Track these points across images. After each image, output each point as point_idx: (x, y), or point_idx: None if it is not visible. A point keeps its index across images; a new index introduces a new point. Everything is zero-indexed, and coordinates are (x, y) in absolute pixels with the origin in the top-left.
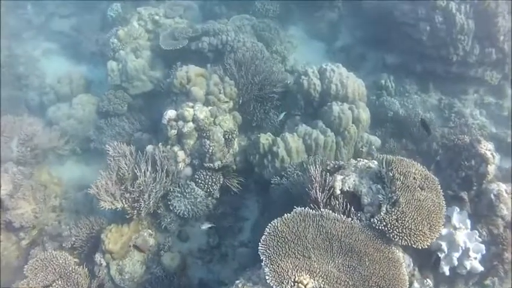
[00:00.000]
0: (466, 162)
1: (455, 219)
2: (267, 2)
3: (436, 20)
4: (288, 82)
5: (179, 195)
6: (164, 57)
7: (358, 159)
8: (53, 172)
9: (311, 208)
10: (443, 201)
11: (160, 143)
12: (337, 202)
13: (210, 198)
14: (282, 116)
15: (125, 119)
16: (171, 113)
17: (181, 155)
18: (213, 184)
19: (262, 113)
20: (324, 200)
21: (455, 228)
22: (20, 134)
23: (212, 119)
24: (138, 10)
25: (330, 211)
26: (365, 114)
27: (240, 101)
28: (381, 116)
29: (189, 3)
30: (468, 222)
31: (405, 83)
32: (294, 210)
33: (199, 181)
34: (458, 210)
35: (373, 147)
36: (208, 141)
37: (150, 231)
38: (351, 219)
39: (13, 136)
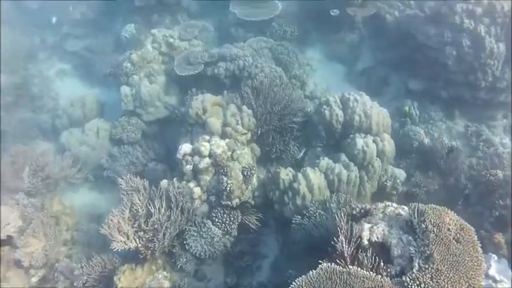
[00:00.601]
0: (500, 201)
1: (495, 269)
2: (284, 23)
3: (464, 43)
4: (308, 110)
5: (195, 234)
6: (179, 82)
7: (387, 203)
8: (65, 199)
9: (337, 262)
10: (482, 255)
11: (175, 178)
12: (365, 255)
13: (227, 236)
14: (302, 153)
15: (139, 148)
16: (186, 148)
17: (197, 191)
18: (231, 223)
19: (282, 145)
20: (351, 253)
21: (495, 281)
22: (31, 164)
23: (230, 153)
24: (152, 32)
25: (358, 268)
26: (390, 147)
27: (259, 132)
28: (405, 146)
29: (204, 24)
30: (510, 273)
31: (430, 110)
32: (319, 266)
33: (216, 220)
34: (496, 258)
35: (398, 181)
36: (225, 178)
37: (165, 273)
38: (380, 276)
39: (24, 166)
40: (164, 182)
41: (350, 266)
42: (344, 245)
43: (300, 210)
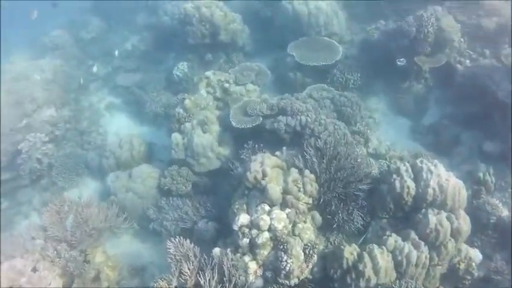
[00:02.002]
0: None
1: None
2: (346, 69)
3: None
4: (374, 173)
5: None
6: (234, 133)
7: None
8: (107, 245)
9: None
10: None
11: (229, 249)
12: None
13: None
14: (364, 237)
15: (188, 202)
16: (243, 219)
17: (252, 266)
18: None
19: (346, 214)
20: None
21: None
22: (75, 216)
23: (290, 226)
24: (206, 75)
25: None
26: (466, 227)
27: (321, 200)
28: (481, 220)
29: (261, 67)
30: None
31: (507, 176)
32: None
33: None
34: None
35: (473, 264)
36: (285, 256)
37: None
38: None
39: (69, 215)
40: (216, 251)
41: None
42: None
43: None
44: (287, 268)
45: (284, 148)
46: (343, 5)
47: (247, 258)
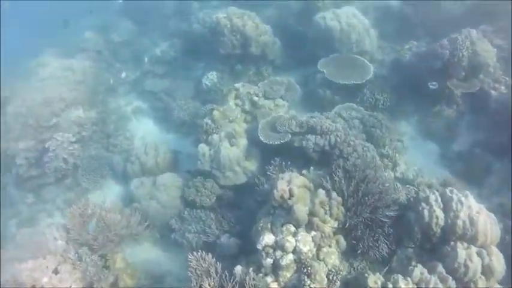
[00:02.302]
0: None
1: None
2: (376, 89)
3: None
4: (401, 200)
5: None
6: (261, 148)
7: None
8: (127, 251)
9: None
10: None
11: (251, 269)
12: None
13: None
14: (389, 266)
15: (212, 215)
16: (268, 239)
17: (274, 287)
18: None
19: (371, 241)
20: None
21: None
22: (98, 220)
23: (315, 249)
24: (236, 86)
25: None
26: (499, 265)
27: (347, 224)
28: None
29: (291, 82)
30: None
31: None
32: None
33: None
34: None
35: None
36: (308, 281)
37: None
38: None
39: (91, 219)
40: (238, 269)
41: None
42: None
43: None
44: None
45: (311, 167)
46: (374, 22)
47: (269, 279)
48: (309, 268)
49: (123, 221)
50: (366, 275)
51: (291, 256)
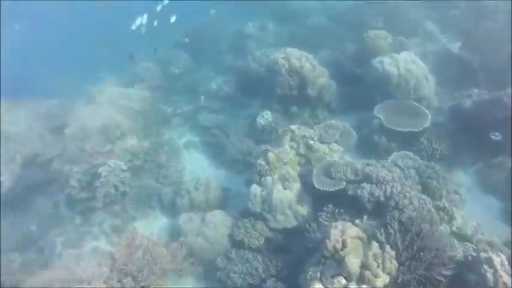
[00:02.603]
0: None
1: None
2: (434, 139)
3: None
4: (459, 257)
5: None
6: (314, 192)
7: None
8: (169, 284)
9: None
10: None
11: None
12: None
13: None
14: None
15: (259, 258)
16: None
17: None
18: None
19: None
20: None
21: None
22: (144, 253)
23: None
24: (291, 128)
25: None
26: None
27: (399, 279)
28: None
29: (346, 127)
30: None
31: None
32: None
33: None
34: None
35: None
36: None
37: None
38: None
39: (138, 250)
40: None
41: None
42: None
43: None
44: None
45: (365, 217)
46: (433, 68)
47: None
48: None
49: (169, 256)
50: None
51: None
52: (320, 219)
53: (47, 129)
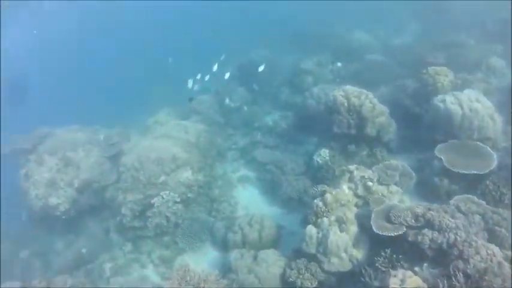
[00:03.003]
0: None
1: None
2: (501, 182)
3: None
4: None
5: None
6: (371, 236)
7: None
8: None
9: None
10: None
11: None
12: None
13: None
14: None
15: None
16: None
17: None
18: None
19: None
20: None
21: None
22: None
23: None
24: (350, 169)
25: None
26: None
27: None
28: None
29: (406, 168)
30: None
31: None
32: None
33: None
34: None
35: None
36: None
37: None
38: None
39: (188, 285)
40: None
41: None
42: None
43: None
44: None
45: (425, 265)
46: (499, 105)
47: None
48: None
49: None
50: None
51: None
52: (377, 265)
53: (103, 157)
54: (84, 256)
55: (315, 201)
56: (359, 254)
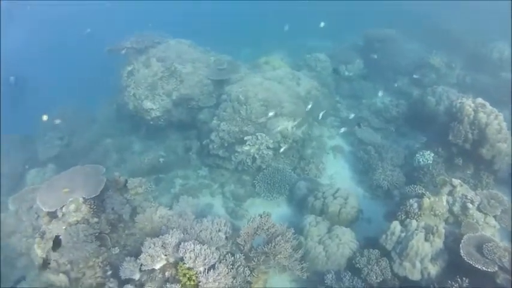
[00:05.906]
0: None
1: None
2: None
3: None
4: None
5: None
6: (453, 259)
7: None
8: (271, 274)
9: None
10: None
11: None
12: None
13: None
14: None
15: None
16: None
17: None
18: None
19: None
20: None
21: None
22: (269, 240)
23: None
24: (453, 182)
25: None
26: None
27: None
28: None
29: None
30: None
31: None
32: None
33: None
34: None
35: None
36: None
37: None
38: None
39: (260, 234)
40: None
41: None
42: None
43: None
44: None
45: None
46: None
47: None
48: None
49: (288, 248)
50: None
51: None
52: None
53: (209, 79)
54: (159, 165)
55: (410, 200)
56: (433, 270)
